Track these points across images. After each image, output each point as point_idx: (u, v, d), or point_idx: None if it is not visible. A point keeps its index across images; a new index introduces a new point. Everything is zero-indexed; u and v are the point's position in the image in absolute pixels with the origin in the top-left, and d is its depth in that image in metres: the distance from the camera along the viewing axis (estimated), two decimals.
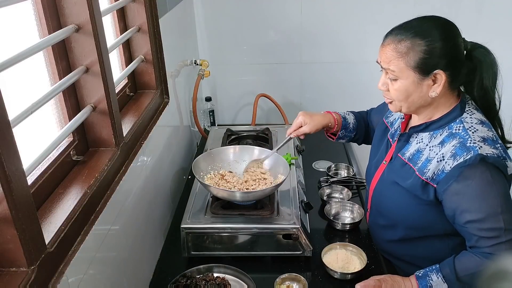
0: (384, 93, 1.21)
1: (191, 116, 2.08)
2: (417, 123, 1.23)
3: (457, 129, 1.14)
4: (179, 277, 1.27)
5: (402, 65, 1.11)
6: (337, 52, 2.34)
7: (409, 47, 1.10)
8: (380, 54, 1.18)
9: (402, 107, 1.19)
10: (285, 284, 1.28)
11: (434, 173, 1.13)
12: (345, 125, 1.54)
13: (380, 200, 1.34)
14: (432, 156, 1.15)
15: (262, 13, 2.27)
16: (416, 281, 1.19)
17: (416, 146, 1.21)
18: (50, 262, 0.80)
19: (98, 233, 1.00)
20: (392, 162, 1.28)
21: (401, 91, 1.15)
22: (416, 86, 1.13)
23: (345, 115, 1.56)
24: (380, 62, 1.18)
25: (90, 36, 1.01)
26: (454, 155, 1.10)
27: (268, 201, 1.43)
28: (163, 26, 1.54)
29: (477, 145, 1.08)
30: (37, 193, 0.90)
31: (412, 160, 1.21)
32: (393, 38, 1.13)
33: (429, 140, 1.19)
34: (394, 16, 2.21)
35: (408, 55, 1.10)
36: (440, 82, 1.11)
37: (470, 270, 1.12)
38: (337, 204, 1.61)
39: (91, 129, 1.12)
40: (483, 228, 1.09)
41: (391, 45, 1.13)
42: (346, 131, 1.55)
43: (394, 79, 1.15)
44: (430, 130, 1.20)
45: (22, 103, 0.82)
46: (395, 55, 1.12)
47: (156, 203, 1.51)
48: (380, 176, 1.32)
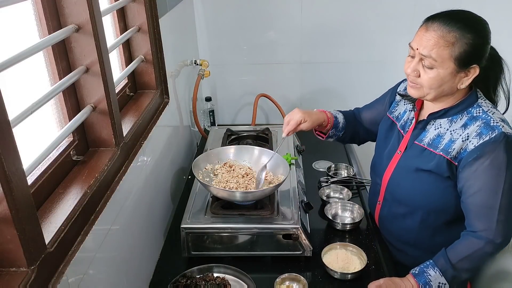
0: (411, 77, 1.21)
1: (191, 116, 2.08)
2: (434, 109, 1.26)
3: (477, 112, 1.19)
4: (179, 277, 1.27)
5: (445, 55, 1.12)
6: (337, 52, 2.34)
7: (458, 37, 1.11)
8: (420, 39, 1.16)
9: (429, 95, 1.20)
10: (285, 284, 1.28)
11: (458, 152, 1.18)
12: (336, 124, 1.55)
13: (397, 188, 1.35)
14: (456, 137, 1.19)
15: (262, 13, 2.27)
16: (414, 279, 1.20)
17: (435, 132, 1.25)
18: (50, 262, 0.80)
19: (98, 233, 1.00)
20: (408, 151, 1.31)
21: (436, 80, 1.16)
22: (451, 77, 1.15)
23: (336, 114, 1.57)
24: (417, 47, 1.16)
25: (90, 36, 1.01)
26: (480, 134, 1.15)
27: (268, 201, 1.43)
28: (163, 26, 1.54)
29: (500, 124, 1.15)
30: (37, 193, 0.90)
31: (432, 144, 1.24)
32: (442, 25, 1.12)
33: (449, 125, 1.23)
34: (394, 16, 2.23)
35: (454, 45, 1.11)
36: (472, 76, 1.15)
37: (462, 254, 1.18)
38: (337, 204, 1.61)
39: (91, 129, 1.12)
40: (480, 204, 1.15)
41: (438, 32, 1.12)
42: (336, 130, 1.57)
43: (430, 67, 1.15)
44: (449, 116, 1.23)
45: (22, 103, 0.82)
46: (441, 43, 1.12)
47: (156, 203, 1.51)
48: (396, 165, 1.34)
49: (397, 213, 1.37)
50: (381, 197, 1.42)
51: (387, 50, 2.30)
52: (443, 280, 1.18)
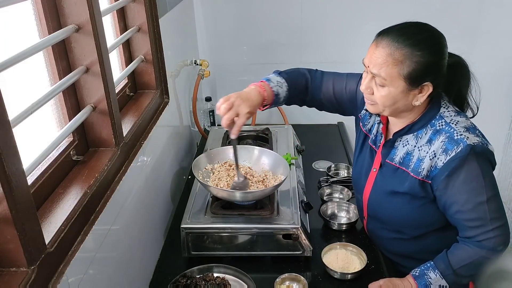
0: (366, 95, 1.18)
1: (191, 116, 2.08)
2: (399, 127, 1.23)
3: (440, 125, 1.16)
4: (179, 277, 1.27)
5: (394, 73, 1.08)
6: (337, 52, 2.34)
7: (406, 56, 1.07)
8: (370, 56, 1.12)
9: (385, 111, 1.18)
10: (285, 284, 1.28)
11: (428, 170, 1.15)
12: (276, 101, 1.35)
13: (378, 209, 1.34)
14: (423, 155, 1.16)
15: (262, 13, 2.27)
16: (414, 281, 1.20)
17: (404, 149, 1.22)
18: (50, 262, 0.80)
19: (98, 233, 1.00)
20: (383, 169, 1.28)
21: (388, 98, 1.13)
22: (403, 95, 1.12)
23: (278, 88, 1.34)
24: (369, 65, 1.13)
25: (90, 36, 1.01)
26: (445, 150, 1.12)
27: (268, 201, 1.43)
28: (163, 26, 1.54)
29: (464, 136, 1.11)
30: (37, 193, 0.90)
31: (404, 163, 1.21)
32: (390, 42, 1.08)
33: (415, 141, 1.20)
34: (394, 16, 2.22)
35: (403, 63, 1.07)
36: (426, 93, 1.11)
37: (464, 261, 1.16)
38: (333, 204, 1.61)
39: (91, 129, 1.12)
40: (470, 218, 1.13)
41: (386, 50, 1.09)
42: (276, 104, 1.39)
43: (382, 85, 1.12)
44: (414, 131, 1.20)
45: (22, 103, 0.82)
46: (390, 61, 1.08)
47: (156, 203, 1.51)
48: (373, 184, 1.32)
49: (382, 229, 1.37)
50: (365, 213, 1.40)
51: None
52: (444, 282, 1.17)
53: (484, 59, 2.37)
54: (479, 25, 2.20)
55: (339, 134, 2.30)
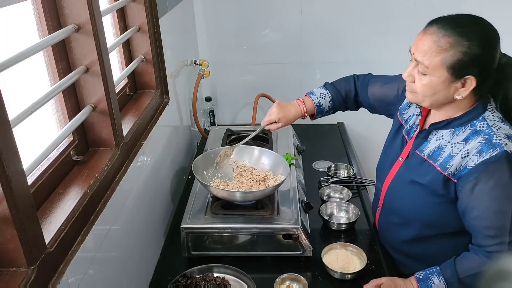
0: (407, 83, 1.17)
1: (191, 116, 2.08)
2: (437, 119, 1.20)
3: (481, 126, 1.12)
4: (179, 277, 1.27)
5: (437, 62, 1.06)
6: (337, 52, 2.34)
7: (452, 44, 1.04)
8: (416, 43, 1.11)
9: (425, 101, 1.15)
10: (285, 284, 1.28)
11: (457, 168, 1.11)
12: (320, 111, 1.54)
13: (394, 198, 1.32)
14: (456, 152, 1.13)
15: (262, 13, 2.27)
16: (417, 283, 1.18)
17: (436, 143, 1.19)
18: (50, 262, 0.80)
19: (98, 233, 1.00)
20: (409, 160, 1.26)
21: (428, 88, 1.11)
22: (444, 86, 1.09)
23: (320, 100, 1.53)
24: (414, 52, 1.11)
25: (90, 36, 1.01)
26: (480, 151, 1.08)
27: (268, 201, 1.43)
28: (163, 26, 1.54)
29: (503, 141, 1.07)
30: (37, 193, 0.90)
31: (432, 157, 1.18)
32: (438, 29, 1.07)
33: (451, 137, 1.16)
34: (394, 16, 2.23)
35: (447, 52, 1.05)
36: (469, 87, 1.08)
37: (471, 271, 1.12)
38: (332, 204, 1.61)
39: (91, 129, 1.12)
40: (488, 226, 1.09)
41: (433, 36, 1.06)
42: (323, 114, 1.56)
43: (423, 74, 1.10)
44: (452, 127, 1.17)
45: (22, 103, 0.82)
46: (434, 48, 1.06)
47: (156, 203, 1.50)
48: (396, 173, 1.30)
49: (393, 222, 1.35)
50: (381, 203, 1.39)
51: (387, 50, 2.30)
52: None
53: None
54: None
55: (339, 134, 2.30)
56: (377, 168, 1.44)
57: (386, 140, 1.44)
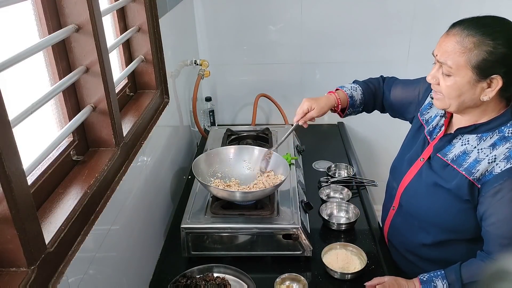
0: (433, 86, 1.16)
1: (191, 116, 2.08)
2: (464, 124, 1.18)
3: (509, 132, 1.10)
4: (179, 277, 1.27)
5: (462, 62, 1.05)
6: (337, 52, 2.34)
7: (476, 44, 1.04)
8: (439, 44, 1.11)
9: (451, 105, 1.13)
10: (285, 284, 1.28)
11: (482, 173, 1.10)
12: (352, 103, 1.50)
13: (413, 199, 1.29)
14: (482, 158, 1.11)
15: (262, 13, 2.27)
16: (420, 285, 1.17)
17: (461, 148, 1.16)
18: (50, 262, 0.80)
19: (98, 233, 1.00)
20: (431, 162, 1.24)
21: (453, 89, 1.09)
22: (470, 87, 1.08)
23: (352, 91, 1.50)
24: (437, 54, 1.11)
25: (90, 36, 1.01)
26: (508, 157, 1.06)
27: (268, 201, 1.43)
28: (163, 26, 1.54)
29: None
30: (37, 193, 0.90)
31: (457, 161, 1.16)
32: (461, 30, 1.06)
33: (477, 143, 1.14)
34: (394, 16, 2.23)
35: (472, 52, 1.04)
36: (495, 87, 1.06)
37: (476, 277, 1.10)
38: (332, 204, 1.61)
39: (91, 129, 1.12)
40: (503, 235, 1.07)
41: (457, 37, 1.06)
42: (353, 109, 1.52)
43: (448, 75, 1.09)
44: (479, 133, 1.15)
45: (22, 103, 0.82)
46: (458, 48, 1.06)
47: (156, 203, 1.51)
48: (416, 174, 1.27)
49: (410, 223, 1.31)
50: (396, 203, 1.35)
51: (387, 50, 2.30)
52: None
53: None
54: None
55: (339, 134, 2.30)
56: (393, 167, 1.42)
57: (404, 140, 1.42)
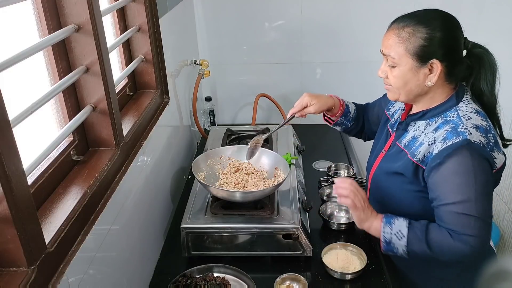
0: (384, 80, 1.23)
1: (191, 116, 2.08)
2: (415, 111, 1.25)
3: (451, 116, 1.16)
4: (179, 277, 1.27)
5: (401, 51, 1.13)
6: (337, 52, 2.34)
7: (411, 33, 1.12)
8: (383, 41, 1.20)
9: (400, 95, 1.20)
10: (285, 284, 1.28)
11: (424, 155, 1.15)
12: (346, 112, 1.53)
13: (377, 189, 1.35)
14: (425, 141, 1.17)
15: (262, 13, 2.27)
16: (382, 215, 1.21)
17: (412, 134, 1.23)
18: (50, 262, 0.80)
19: (98, 233, 1.00)
20: (390, 151, 1.30)
21: (399, 78, 1.16)
22: (413, 74, 1.14)
23: (348, 103, 1.56)
24: (382, 49, 1.19)
25: (90, 36, 1.01)
26: (445, 138, 1.12)
27: (268, 201, 1.43)
28: (163, 26, 1.54)
29: (468, 130, 1.10)
30: (37, 193, 0.90)
31: (408, 146, 1.22)
32: (397, 24, 1.16)
33: (424, 128, 1.21)
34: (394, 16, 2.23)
35: (408, 41, 1.12)
36: (436, 72, 1.12)
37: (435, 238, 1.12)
38: (332, 204, 1.61)
39: (91, 129, 1.12)
40: (454, 211, 1.09)
41: (395, 30, 1.15)
42: (345, 119, 1.55)
43: (393, 66, 1.16)
44: (427, 118, 1.21)
45: (22, 103, 0.82)
46: (396, 40, 1.14)
47: (156, 203, 1.51)
48: (378, 165, 1.34)
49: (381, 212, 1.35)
50: (368, 196, 1.40)
51: None
52: (405, 231, 1.15)
53: None
54: (479, 25, 2.20)
55: (339, 134, 2.30)
56: (367, 163, 1.47)
57: (375, 137, 1.47)
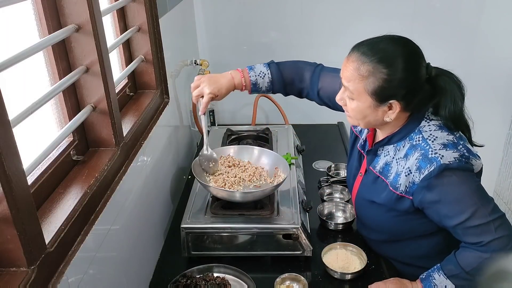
0: (343, 106, 1.20)
1: (191, 116, 2.08)
2: (381, 137, 1.23)
3: (417, 140, 1.13)
4: (179, 277, 1.27)
5: (360, 88, 1.08)
6: (338, 52, 2.32)
7: (371, 72, 1.06)
8: (343, 68, 1.13)
9: (360, 124, 1.18)
10: (285, 284, 1.28)
11: (406, 186, 1.13)
12: (255, 89, 1.43)
13: (360, 212, 1.37)
14: (400, 170, 1.15)
15: (262, 13, 2.27)
16: (421, 284, 1.19)
17: (384, 159, 1.21)
18: (50, 262, 0.80)
19: (98, 233, 1.00)
20: (366, 176, 1.29)
21: (357, 112, 1.14)
22: (371, 110, 1.11)
23: (258, 78, 1.42)
24: (341, 77, 1.14)
25: (90, 36, 1.01)
26: (419, 168, 1.09)
27: (268, 201, 1.43)
28: (163, 26, 1.54)
29: (439, 155, 1.07)
30: (37, 193, 0.90)
31: (383, 173, 1.21)
32: (358, 56, 1.08)
33: (394, 153, 1.19)
34: (394, 16, 2.23)
35: (368, 79, 1.07)
36: (395, 110, 1.10)
37: (473, 265, 1.11)
38: (330, 204, 1.61)
39: (91, 129, 1.12)
40: (470, 226, 1.08)
41: (354, 64, 1.09)
42: (259, 92, 1.47)
43: (351, 98, 1.13)
44: (393, 143, 1.19)
45: (22, 103, 0.82)
46: (355, 75, 1.08)
47: (156, 203, 1.51)
48: (358, 189, 1.33)
49: (365, 228, 1.39)
50: (355, 211, 1.43)
51: None
52: (448, 283, 1.14)
53: (484, 59, 2.37)
54: (479, 25, 2.20)
55: (339, 134, 2.30)
56: (347, 179, 1.46)
57: (348, 152, 1.43)
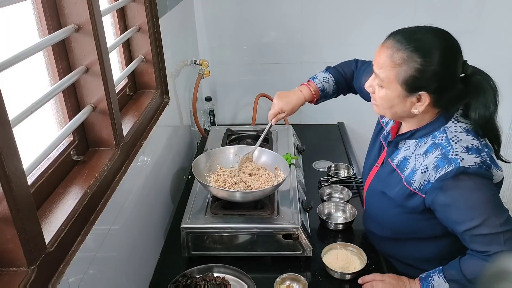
0: (371, 94, 1.18)
1: (191, 116, 2.08)
2: (404, 130, 1.21)
3: (440, 139, 1.11)
4: (179, 277, 1.27)
5: (391, 76, 1.07)
6: (338, 52, 2.34)
7: (405, 60, 1.04)
8: (376, 54, 1.12)
9: (386, 114, 1.17)
10: (285, 284, 1.28)
11: (421, 183, 1.11)
12: (324, 95, 1.51)
13: (370, 204, 1.36)
14: (417, 167, 1.13)
15: (262, 13, 2.27)
16: (419, 283, 1.19)
17: (403, 153, 1.20)
18: (50, 262, 0.80)
19: (98, 233, 1.00)
20: (383, 167, 1.28)
21: (385, 100, 1.12)
22: (400, 100, 1.09)
23: (324, 84, 1.49)
24: (373, 64, 1.13)
25: (90, 36, 1.01)
26: (436, 167, 1.07)
27: (268, 201, 1.43)
28: (163, 26, 1.54)
29: (459, 156, 1.05)
30: (37, 193, 0.90)
31: (400, 167, 1.19)
32: (393, 43, 1.07)
33: (414, 148, 1.17)
34: (394, 16, 2.23)
35: (401, 67, 1.05)
36: (424, 103, 1.08)
37: (475, 273, 1.09)
38: (329, 204, 1.61)
39: (91, 129, 1.12)
40: (479, 234, 1.06)
41: (389, 51, 1.07)
42: (326, 98, 1.53)
43: (381, 86, 1.11)
44: (416, 138, 1.17)
45: (22, 103, 0.82)
46: (388, 62, 1.07)
47: (156, 203, 1.51)
48: (372, 180, 1.32)
49: (371, 223, 1.38)
50: (364, 204, 1.42)
51: None
52: (447, 286, 1.12)
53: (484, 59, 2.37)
54: (479, 24, 2.20)
55: (339, 134, 2.30)
56: (362, 170, 1.45)
57: (370, 142, 1.44)
